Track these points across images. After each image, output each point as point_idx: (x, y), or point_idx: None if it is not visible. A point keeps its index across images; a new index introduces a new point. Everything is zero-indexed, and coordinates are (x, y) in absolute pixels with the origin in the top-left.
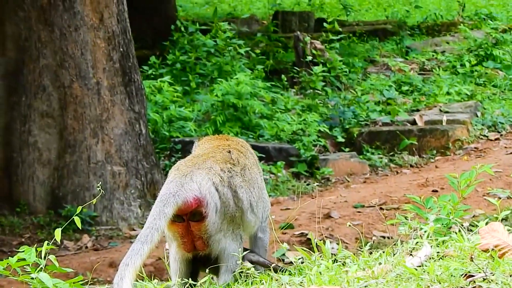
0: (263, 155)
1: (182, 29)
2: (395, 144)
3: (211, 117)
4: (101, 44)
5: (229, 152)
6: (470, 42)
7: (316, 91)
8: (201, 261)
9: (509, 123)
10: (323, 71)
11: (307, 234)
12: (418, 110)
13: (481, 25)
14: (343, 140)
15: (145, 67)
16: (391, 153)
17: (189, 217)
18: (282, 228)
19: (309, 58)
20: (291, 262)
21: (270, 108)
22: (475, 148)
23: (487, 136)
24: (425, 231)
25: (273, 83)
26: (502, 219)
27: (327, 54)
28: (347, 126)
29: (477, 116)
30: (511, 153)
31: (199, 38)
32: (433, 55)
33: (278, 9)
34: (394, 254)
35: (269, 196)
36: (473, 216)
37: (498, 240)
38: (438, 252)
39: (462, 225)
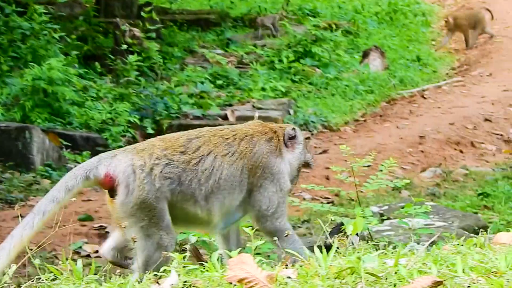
0: (70, 144)
1: None
2: None
3: (20, 101)
4: None
5: (192, 138)
6: (291, 38)
7: (130, 80)
8: None
9: (321, 122)
10: (138, 61)
11: (105, 227)
12: (231, 105)
13: (304, 20)
14: (152, 132)
15: None
16: None
17: (111, 194)
18: (80, 220)
19: (125, 46)
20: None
21: (81, 95)
22: None
23: None
24: (174, 258)
25: (87, 70)
26: (304, 221)
27: (145, 43)
28: (158, 118)
29: (290, 114)
30: (320, 153)
31: (15, 20)
32: (252, 49)
33: None
34: (140, 282)
35: None
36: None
37: (246, 273)
38: (185, 282)
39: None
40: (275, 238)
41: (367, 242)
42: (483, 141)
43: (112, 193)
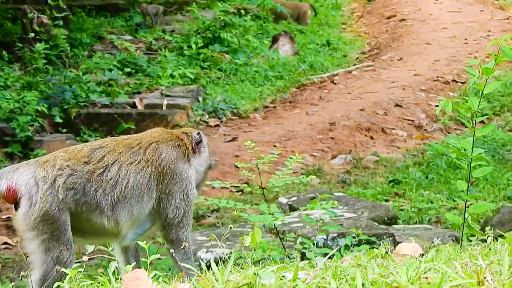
0: None
1: None
2: (114, 127)
3: None
4: None
5: (96, 148)
6: (199, 23)
7: (38, 68)
8: None
9: (230, 109)
10: (46, 49)
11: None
12: (139, 93)
13: (213, 5)
14: (61, 120)
15: None
16: (110, 136)
17: (15, 207)
18: None
19: (32, 35)
20: None
21: None
22: None
23: (207, 122)
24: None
25: None
26: (213, 210)
27: (53, 30)
28: (66, 107)
29: (199, 101)
30: (229, 141)
31: None
32: (161, 35)
33: None
34: None
35: None
36: None
37: None
38: None
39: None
40: (171, 249)
41: (277, 237)
42: (394, 127)
43: (17, 206)
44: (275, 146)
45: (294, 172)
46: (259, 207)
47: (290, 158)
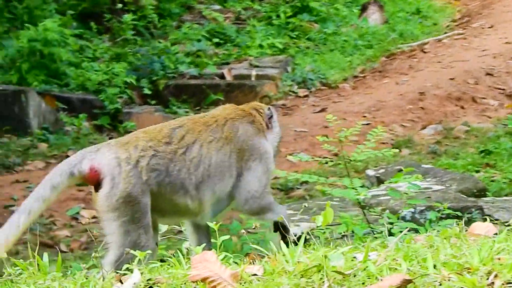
0: (66, 106)
1: None
2: (202, 98)
3: (16, 64)
4: None
5: (175, 127)
6: None
7: (127, 39)
8: None
9: (319, 79)
10: (134, 19)
11: None
12: (228, 63)
13: None
14: (149, 92)
15: None
16: (198, 108)
17: (96, 189)
18: (77, 185)
19: (120, 5)
20: None
21: (77, 56)
22: (282, 105)
23: (296, 93)
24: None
25: (82, 30)
26: (302, 182)
27: (143, 1)
28: (154, 78)
29: (288, 72)
30: (318, 112)
31: None
32: (250, 5)
33: None
34: (103, 279)
35: (69, 149)
36: (274, 178)
37: (209, 272)
38: (149, 280)
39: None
40: (263, 215)
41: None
42: (484, 96)
43: (98, 188)
44: (364, 116)
45: (383, 143)
46: (341, 181)
47: (373, 131)
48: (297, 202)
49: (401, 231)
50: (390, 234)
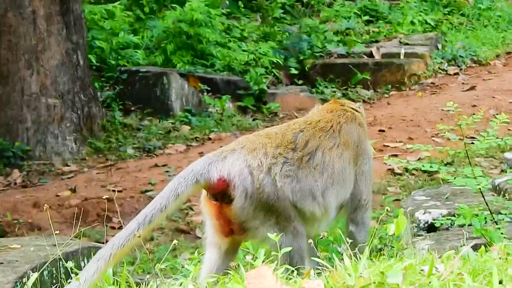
0: (209, 88)
1: None
2: (350, 77)
3: (161, 45)
4: None
5: (297, 133)
6: None
7: (276, 18)
8: None
9: (470, 56)
10: None
11: None
12: (377, 41)
13: None
14: (296, 72)
15: None
16: (345, 87)
17: (220, 198)
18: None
19: None
20: None
21: (224, 36)
22: (431, 83)
23: (446, 71)
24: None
25: (230, 9)
26: (447, 163)
27: None
28: (301, 58)
29: (438, 49)
30: (468, 90)
31: None
32: None
33: None
34: None
35: (211, 131)
36: (419, 159)
37: None
38: None
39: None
40: (357, 232)
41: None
42: None
43: (220, 196)
44: None
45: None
46: (462, 171)
47: (495, 118)
48: (430, 187)
49: None
50: None
